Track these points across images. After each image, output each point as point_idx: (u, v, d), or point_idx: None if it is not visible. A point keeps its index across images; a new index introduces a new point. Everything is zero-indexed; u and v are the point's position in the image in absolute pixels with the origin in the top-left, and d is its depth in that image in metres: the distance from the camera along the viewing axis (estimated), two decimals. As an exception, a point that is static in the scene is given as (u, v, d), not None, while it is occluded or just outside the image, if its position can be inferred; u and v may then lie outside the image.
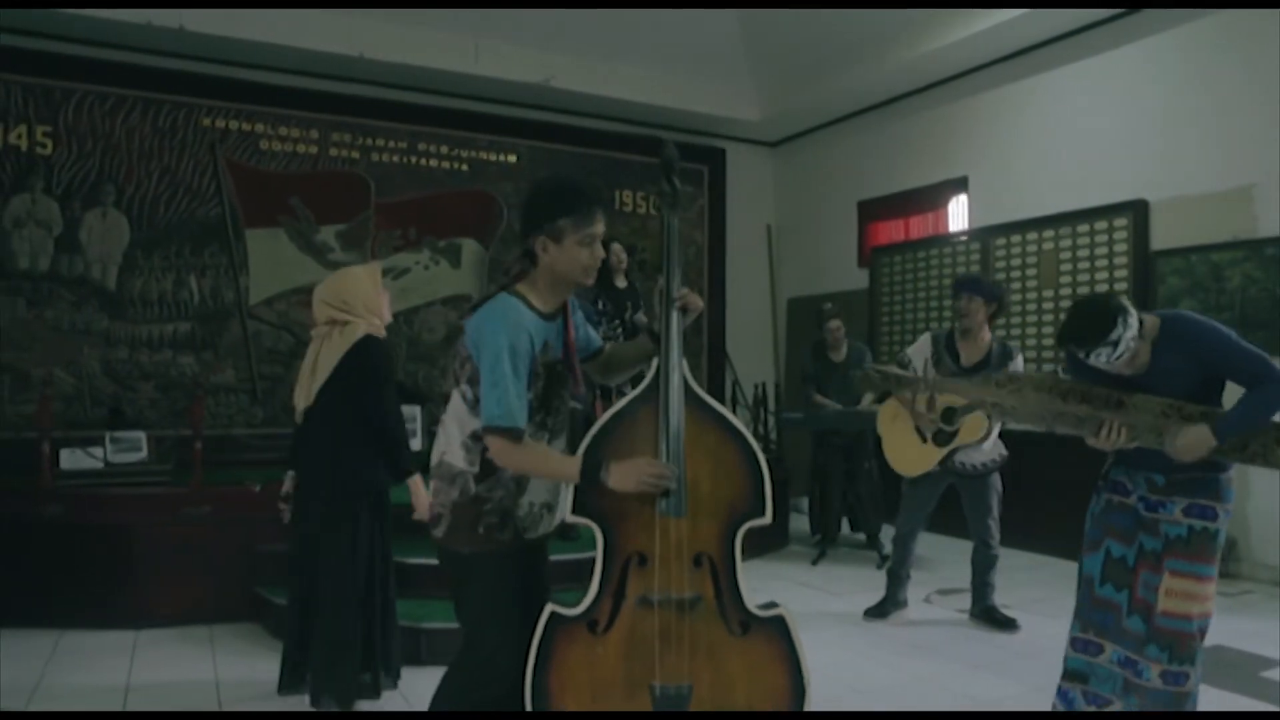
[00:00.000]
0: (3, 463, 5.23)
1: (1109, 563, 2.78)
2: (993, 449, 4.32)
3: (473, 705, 2.25)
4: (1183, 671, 2.64)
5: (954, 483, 4.39)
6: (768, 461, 2.28)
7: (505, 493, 2.24)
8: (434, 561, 4.08)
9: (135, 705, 3.37)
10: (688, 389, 2.25)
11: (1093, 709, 2.81)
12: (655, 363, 2.29)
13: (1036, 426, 2.88)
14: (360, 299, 3.29)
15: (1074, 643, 2.85)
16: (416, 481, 3.24)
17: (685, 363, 2.29)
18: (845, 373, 5.85)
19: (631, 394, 2.27)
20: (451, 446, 2.26)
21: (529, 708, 2.18)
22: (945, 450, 4.21)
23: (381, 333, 3.35)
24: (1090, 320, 2.59)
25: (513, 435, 2.13)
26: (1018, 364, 4.22)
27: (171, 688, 3.56)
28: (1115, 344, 2.55)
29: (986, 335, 4.27)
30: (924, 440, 4.27)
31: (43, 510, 4.45)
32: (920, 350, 4.34)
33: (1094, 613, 2.80)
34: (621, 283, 5.61)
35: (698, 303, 2.35)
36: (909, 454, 4.34)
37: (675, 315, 2.30)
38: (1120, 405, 2.66)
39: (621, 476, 2.13)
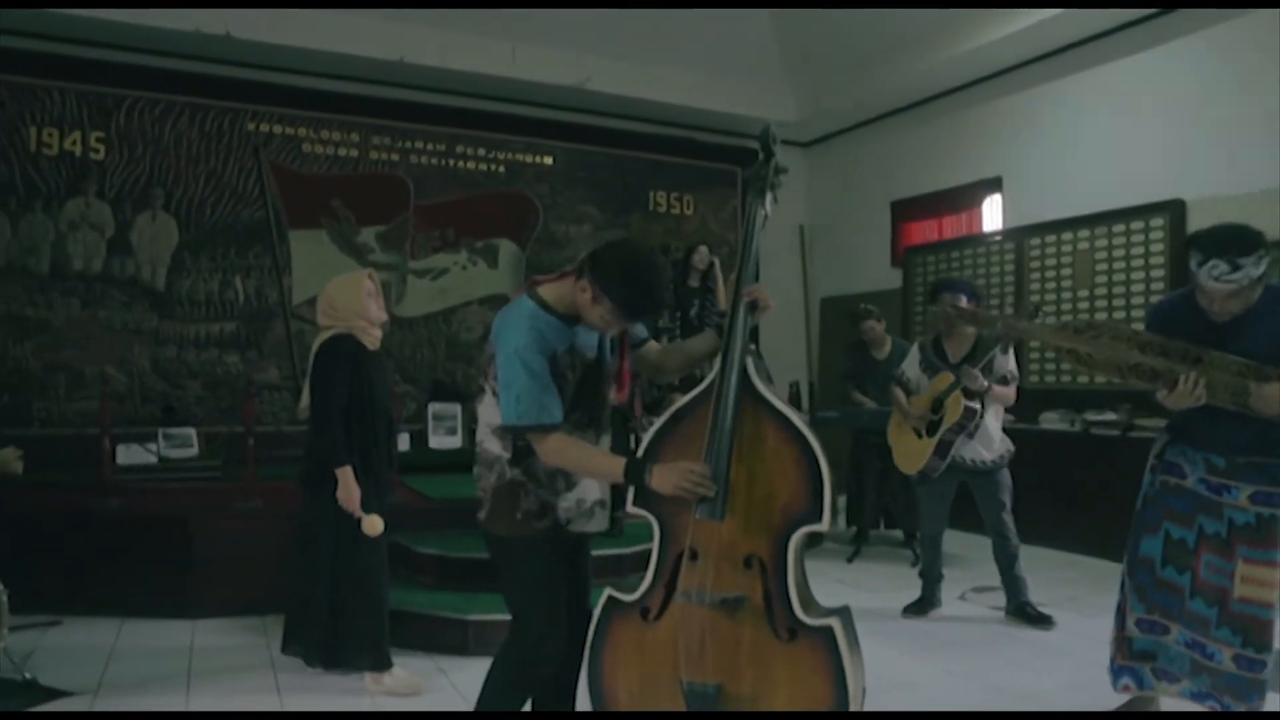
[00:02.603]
0: (61, 458, 5.42)
1: (1169, 544, 2.82)
2: (1000, 445, 4.44)
3: (522, 684, 2.34)
4: (1259, 659, 2.65)
5: (965, 480, 4.48)
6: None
7: (539, 485, 2.27)
8: (479, 555, 4.24)
9: (198, 692, 3.51)
10: (751, 387, 2.23)
11: (1164, 684, 2.86)
12: (718, 360, 2.29)
13: (1110, 376, 2.85)
14: (342, 305, 3.47)
15: (1139, 624, 2.88)
16: (344, 473, 3.33)
17: (756, 360, 2.28)
18: (887, 370, 5.90)
19: (693, 391, 2.27)
20: (487, 434, 2.33)
21: (586, 682, 2.30)
22: (936, 438, 4.35)
23: (368, 333, 3.49)
24: (1244, 232, 2.58)
25: (540, 430, 2.18)
26: (1009, 359, 4.38)
27: (231, 674, 3.70)
28: (1259, 261, 2.53)
29: (970, 330, 4.41)
30: (920, 436, 4.47)
31: (104, 503, 4.63)
32: (912, 361, 4.63)
33: (1157, 594, 2.85)
34: (694, 281, 5.75)
35: (768, 299, 2.35)
36: (908, 451, 4.55)
37: (742, 310, 2.31)
38: (1198, 361, 2.63)
39: (662, 479, 2.16)
